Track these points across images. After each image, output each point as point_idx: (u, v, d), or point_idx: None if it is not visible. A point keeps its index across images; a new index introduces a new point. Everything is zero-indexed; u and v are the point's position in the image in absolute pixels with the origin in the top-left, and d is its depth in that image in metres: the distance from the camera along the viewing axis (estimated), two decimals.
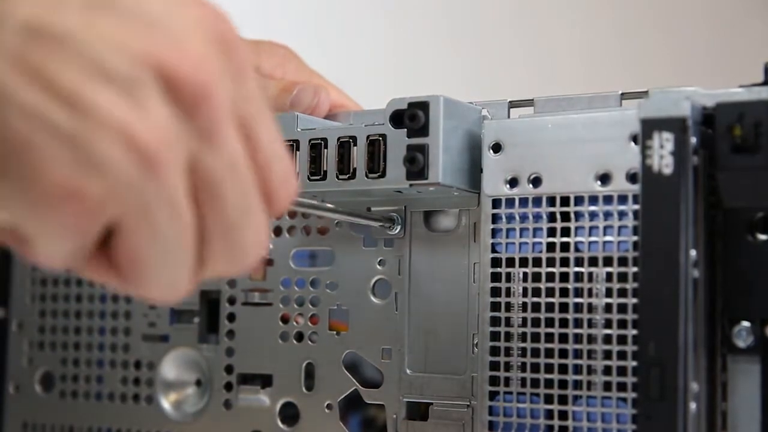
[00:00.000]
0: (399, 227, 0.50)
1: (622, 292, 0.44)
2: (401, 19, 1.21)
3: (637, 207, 0.43)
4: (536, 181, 0.46)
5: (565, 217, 0.45)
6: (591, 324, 0.44)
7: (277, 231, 0.54)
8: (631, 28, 1.46)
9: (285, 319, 0.53)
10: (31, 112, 0.31)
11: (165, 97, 0.31)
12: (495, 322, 0.47)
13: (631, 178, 0.44)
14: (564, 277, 0.45)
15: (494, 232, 0.47)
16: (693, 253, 0.42)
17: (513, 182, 0.47)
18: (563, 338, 0.45)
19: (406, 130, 0.46)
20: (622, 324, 0.44)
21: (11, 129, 0.31)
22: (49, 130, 0.31)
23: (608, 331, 0.44)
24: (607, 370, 0.44)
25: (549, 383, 0.45)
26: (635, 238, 0.44)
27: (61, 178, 0.31)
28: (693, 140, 0.42)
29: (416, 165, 0.46)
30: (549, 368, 0.45)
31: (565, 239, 0.45)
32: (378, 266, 0.51)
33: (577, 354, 0.45)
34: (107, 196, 0.31)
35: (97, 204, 0.31)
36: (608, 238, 0.44)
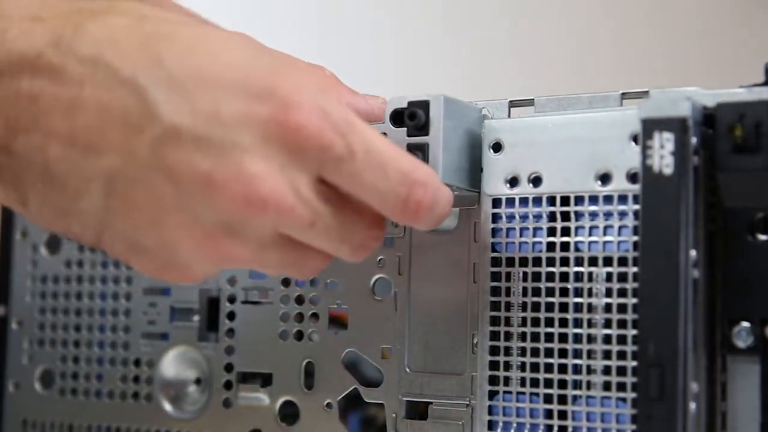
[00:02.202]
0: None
1: (622, 292, 0.44)
2: (401, 18, 1.21)
3: (637, 207, 0.43)
4: (536, 181, 0.46)
5: (565, 216, 0.45)
6: (591, 324, 0.45)
7: None
8: (631, 28, 1.46)
9: (285, 318, 0.53)
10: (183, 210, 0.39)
11: (272, 148, 0.39)
12: (495, 321, 0.47)
13: (632, 178, 0.44)
14: (564, 276, 0.45)
15: (494, 232, 0.47)
16: (693, 253, 0.42)
17: (513, 182, 0.47)
18: (563, 338, 0.45)
19: (406, 128, 0.46)
20: (622, 324, 0.44)
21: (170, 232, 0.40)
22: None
23: (608, 331, 0.44)
24: (607, 370, 0.44)
25: (548, 383, 0.45)
26: (635, 238, 0.44)
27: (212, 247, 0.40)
28: (693, 140, 0.42)
29: None
30: (549, 368, 0.45)
31: (565, 239, 0.45)
32: (378, 265, 0.51)
33: (577, 354, 0.45)
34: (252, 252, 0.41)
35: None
36: (608, 238, 0.44)
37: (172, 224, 0.40)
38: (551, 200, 0.46)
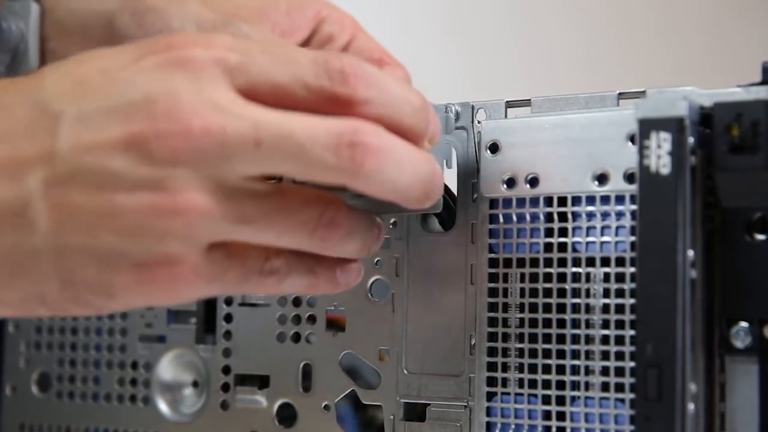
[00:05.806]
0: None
1: (620, 293, 0.44)
2: (400, 18, 1.21)
3: (634, 207, 0.43)
4: (533, 182, 0.46)
5: (563, 217, 0.45)
6: (588, 325, 0.44)
7: None
8: (629, 27, 1.46)
9: (282, 320, 0.53)
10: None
11: (178, 165, 0.36)
12: (492, 322, 0.46)
13: (629, 178, 0.44)
14: (561, 277, 0.45)
15: (492, 233, 0.47)
16: (691, 253, 0.42)
17: (510, 182, 0.47)
18: (561, 339, 0.45)
19: None
20: (620, 324, 0.44)
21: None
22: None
23: (606, 332, 0.44)
24: (605, 371, 0.44)
25: (547, 384, 0.45)
26: (633, 238, 0.43)
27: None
28: (690, 140, 0.42)
29: None
30: (547, 369, 0.45)
31: (562, 239, 0.45)
32: (375, 267, 0.51)
33: (575, 355, 0.45)
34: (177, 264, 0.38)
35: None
36: (606, 238, 0.44)
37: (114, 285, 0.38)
38: (548, 201, 0.46)
